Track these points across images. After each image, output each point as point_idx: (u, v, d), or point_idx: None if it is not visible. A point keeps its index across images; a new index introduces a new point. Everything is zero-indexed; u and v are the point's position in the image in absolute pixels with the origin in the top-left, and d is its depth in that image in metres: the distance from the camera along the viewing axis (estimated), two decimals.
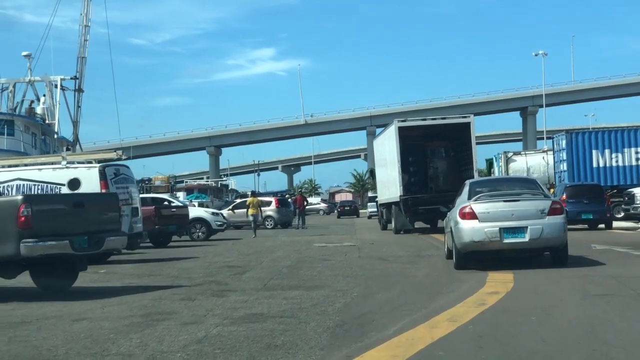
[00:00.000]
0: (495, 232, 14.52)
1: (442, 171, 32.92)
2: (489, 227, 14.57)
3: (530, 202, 15.07)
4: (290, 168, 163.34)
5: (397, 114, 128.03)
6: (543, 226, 14.56)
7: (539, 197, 15.34)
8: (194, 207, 36.59)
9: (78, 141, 49.80)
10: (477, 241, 14.64)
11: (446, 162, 33.12)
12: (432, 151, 33.58)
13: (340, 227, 45.78)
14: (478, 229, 14.62)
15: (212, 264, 18.31)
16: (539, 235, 14.53)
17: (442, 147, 33.48)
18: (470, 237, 14.68)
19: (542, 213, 14.73)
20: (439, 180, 32.72)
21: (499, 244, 14.67)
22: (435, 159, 33.44)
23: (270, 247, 25.61)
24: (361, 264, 17.32)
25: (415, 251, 21.06)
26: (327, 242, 27.20)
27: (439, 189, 31.09)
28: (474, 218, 14.72)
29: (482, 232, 14.58)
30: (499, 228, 14.54)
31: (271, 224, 46.58)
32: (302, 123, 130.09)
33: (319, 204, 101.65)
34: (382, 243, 25.99)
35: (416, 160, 33.22)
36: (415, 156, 33.10)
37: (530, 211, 14.78)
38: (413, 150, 32.73)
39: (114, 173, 19.98)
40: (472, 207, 14.88)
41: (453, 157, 32.99)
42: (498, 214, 14.73)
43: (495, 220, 14.64)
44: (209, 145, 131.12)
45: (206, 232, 32.34)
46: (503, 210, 14.79)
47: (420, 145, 33.22)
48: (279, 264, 17.86)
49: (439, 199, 24.15)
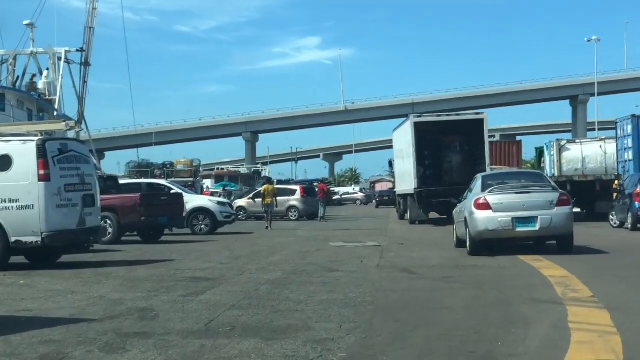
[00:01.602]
0: (508, 222, 15.62)
1: (456, 165, 33.30)
2: (503, 216, 15.65)
3: (540, 194, 16.14)
4: (332, 156, 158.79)
5: (440, 102, 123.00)
6: (552, 216, 15.60)
7: (547, 190, 16.41)
8: (200, 194, 32.06)
9: (83, 119, 45.06)
10: (492, 230, 15.71)
11: (460, 156, 33.55)
12: (447, 145, 33.96)
13: (373, 219, 40.91)
14: (492, 218, 15.68)
15: (176, 274, 13.46)
16: (548, 224, 15.57)
17: (457, 142, 33.83)
18: (484, 226, 15.75)
19: (551, 204, 15.79)
20: (453, 173, 33.04)
21: (511, 232, 15.76)
22: (450, 152, 33.86)
23: (276, 245, 20.78)
24: (376, 279, 12.33)
25: (455, 258, 16.02)
26: (347, 241, 22.26)
27: (452, 182, 31.10)
28: (488, 208, 15.76)
29: (496, 221, 15.65)
30: (512, 218, 15.63)
31: (295, 215, 41.81)
32: (342, 109, 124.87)
33: (356, 193, 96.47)
34: (414, 243, 21.00)
35: (432, 153, 33.97)
36: (431, 150, 33.82)
37: (540, 202, 15.84)
38: (429, 144, 33.42)
39: (58, 149, 15.15)
40: (486, 198, 15.93)
41: (467, 152, 33.46)
42: (511, 205, 15.77)
43: (508, 211, 15.69)
44: (245, 131, 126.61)
45: (210, 225, 27.56)
46: (515, 201, 15.86)
47: (436, 139, 33.78)
48: (263, 276, 12.94)
49: (452, 192, 24.14)
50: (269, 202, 31.85)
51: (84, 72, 43.50)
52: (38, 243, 14.66)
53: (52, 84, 41.04)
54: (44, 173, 14.74)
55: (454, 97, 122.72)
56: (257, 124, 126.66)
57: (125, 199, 23.15)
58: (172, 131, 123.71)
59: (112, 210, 22.77)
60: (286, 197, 42.44)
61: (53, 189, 14.80)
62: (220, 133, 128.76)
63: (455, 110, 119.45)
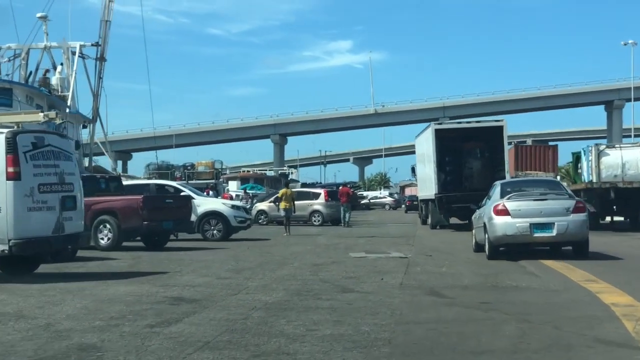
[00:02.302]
0: (526, 227, 16.14)
1: (476, 171, 33.63)
2: (521, 222, 16.18)
3: (556, 201, 16.63)
4: (362, 160, 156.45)
5: (471, 105, 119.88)
6: (568, 222, 16.13)
7: (564, 197, 16.93)
8: (214, 197, 29.97)
9: (98, 117, 43.01)
10: (510, 235, 16.28)
11: (481, 163, 33.91)
12: (468, 152, 34.27)
13: (400, 226, 38.52)
14: (511, 224, 16.22)
15: (158, 293, 11.29)
16: (564, 230, 16.09)
17: (478, 148, 34.24)
18: (503, 231, 16.30)
19: (567, 211, 16.29)
20: (473, 179, 33.32)
21: (529, 237, 16.30)
22: (470, 159, 34.22)
23: (289, 255, 18.59)
24: (397, 304, 10.06)
25: (492, 274, 13.70)
26: (369, 251, 20.01)
27: (473, 188, 31.17)
28: (506, 214, 16.31)
29: (514, 226, 16.19)
30: (529, 224, 16.16)
31: (319, 220, 39.53)
32: (372, 112, 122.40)
33: (384, 197, 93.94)
34: (444, 255, 18.72)
35: (452, 159, 34.20)
36: (451, 156, 34.05)
37: (556, 209, 16.32)
38: (450, 150, 33.67)
39: (32, 144, 13.09)
40: (505, 205, 16.49)
41: (488, 158, 33.78)
42: (528, 211, 16.32)
43: (526, 217, 16.23)
44: (273, 133, 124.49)
45: (223, 230, 25.42)
46: (533, 208, 16.38)
47: (457, 145, 33.89)
48: (261, 297, 10.72)
49: (472, 198, 24.30)
50: (287, 206, 29.78)
51: (99, 68, 41.51)
52: (5, 252, 12.63)
53: (66, 79, 39.17)
54: (13, 171, 12.73)
55: (485, 101, 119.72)
56: (285, 126, 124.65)
57: (126, 202, 21.07)
58: (199, 133, 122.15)
59: (111, 214, 20.79)
60: (309, 201, 40.22)
61: (24, 189, 12.78)
62: (248, 135, 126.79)
63: (486, 115, 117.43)
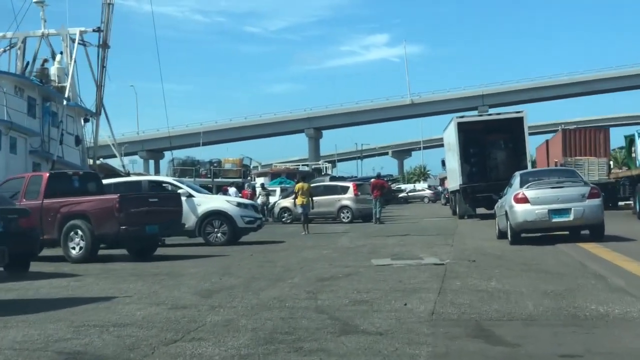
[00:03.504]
0: (545, 213, 17.35)
1: (501, 161, 34.77)
2: (539, 209, 17.36)
3: (572, 188, 17.79)
4: (400, 153, 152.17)
5: (512, 92, 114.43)
6: (584, 207, 17.27)
7: (579, 184, 18.15)
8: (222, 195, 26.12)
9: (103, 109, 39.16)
10: (530, 221, 17.47)
11: (505, 153, 35.02)
12: (492, 143, 35.48)
13: (439, 220, 34.58)
14: (530, 210, 17.41)
15: (60, 341, 7.40)
16: (581, 215, 17.25)
17: (502, 139, 35.32)
18: (524, 218, 17.48)
19: (583, 197, 17.44)
20: (498, 169, 34.12)
21: (548, 222, 17.51)
22: (495, 150, 35.48)
23: (295, 265, 14.73)
24: (426, 354, 6.10)
25: (564, 292, 9.60)
26: (397, 255, 16.00)
27: (497, 178, 31.43)
28: (526, 202, 17.51)
29: (533, 213, 17.38)
30: (548, 210, 17.35)
31: (348, 217, 35.63)
32: (408, 103, 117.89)
33: (423, 190, 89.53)
34: (493, 258, 14.69)
35: (477, 151, 35.45)
36: (476, 148, 35.35)
37: (573, 195, 17.48)
38: (474, 142, 34.99)
39: None
40: (524, 193, 17.68)
41: (512, 149, 34.78)
42: (546, 198, 17.49)
43: (544, 204, 17.40)
44: (307, 127, 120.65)
45: (229, 233, 21.63)
46: (550, 195, 17.56)
47: (481, 137, 35.10)
48: (205, 350, 6.77)
49: (495, 187, 25.05)
50: (304, 202, 26.11)
51: (102, 56, 37.60)
52: None
53: (65, 69, 35.58)
54: None
55: (526, 87, 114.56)
56: (320, 120, 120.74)
57: (100, 202, 17.32)
58: (231, 129, 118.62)
59: (83, 218, 17.14)
60: (337, 196, 36.24)
61: None
62: (282, 130, 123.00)
63: (528, 102, 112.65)
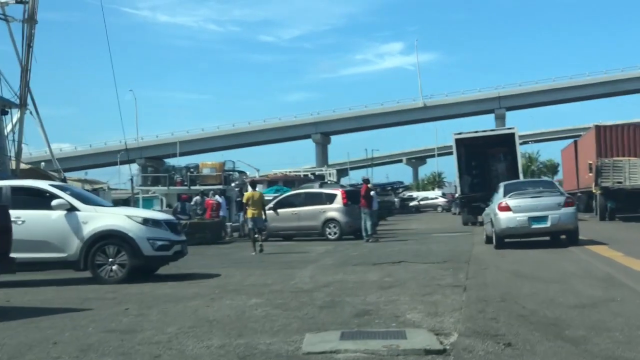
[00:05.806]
0: (525, 220, 19.87)
1: (501, 173, 36.50)
2: (520, 216, 19.91)
3: (550, 197, 20.42)
4: (413, 160, 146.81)
5: (530, 94, 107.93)
6: (560, 215, 19.87)
7: (556, 194, 20.84)
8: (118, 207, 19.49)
9: (31, 98, 31.04)
10: (512, 227, 19.98)
11: (504, 165, 37.28)
12: (492, 156, 38.06)
13: (448, 238, 26.67)
14: (512, 218, 19.93)
15: None
16: (557, 221, 19.85)
17: (500, 153, 37.67)
18: (506, 224, 19.96)
19: (559, 205, 20.07)
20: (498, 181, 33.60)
21: (528, 228, 20.02)
22: (494, 162, 38.03)
23: (157, 344, 8.25)
24: None
25: None
26: (362, 321, 9.19)
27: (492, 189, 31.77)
28: (508, 210, 20.01)
29: (515, 220, 19.90)
30: (528, 217, 19.89)
31: (335, 232, 28.86)
32: (420, 106, 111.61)
33: (436, 198, 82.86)
34: (543, 328, 8.16)
35: (478, 164, 38.36)
36: (477, 160, 38.28)
37: (550, 204, 20.03)
38: (476, 155, 37.81)
39: None
40: (507, 202, 20.20)
41: (510, 161, 36.97)
42: (527, 207, 19.97)
43: (524, 212, 19.92)
44: (314, 132, 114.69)
45: (129, 264, 14.92)
46: (530, 204, 20.08)
47: (482, 151, 37.76)
48: None
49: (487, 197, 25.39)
50: (255, 214, 20.42)
51: (28, 32, 30.22)
52: None
53: None
54: None
55: (545, 88, 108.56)
56: (327, 124, 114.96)
57: None
58: (234, 134, 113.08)
59: None
60: (321, 206, 29.25)
61: None
62: (288, 135, 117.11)
63: (547, 104, 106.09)
